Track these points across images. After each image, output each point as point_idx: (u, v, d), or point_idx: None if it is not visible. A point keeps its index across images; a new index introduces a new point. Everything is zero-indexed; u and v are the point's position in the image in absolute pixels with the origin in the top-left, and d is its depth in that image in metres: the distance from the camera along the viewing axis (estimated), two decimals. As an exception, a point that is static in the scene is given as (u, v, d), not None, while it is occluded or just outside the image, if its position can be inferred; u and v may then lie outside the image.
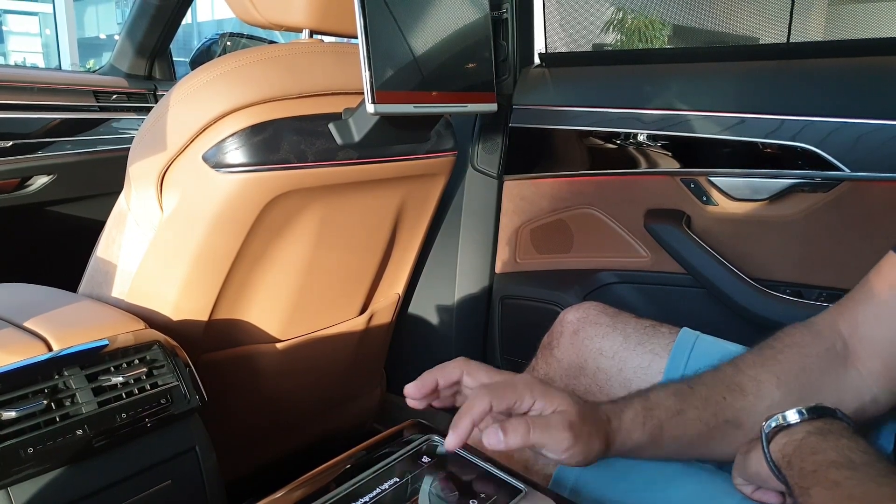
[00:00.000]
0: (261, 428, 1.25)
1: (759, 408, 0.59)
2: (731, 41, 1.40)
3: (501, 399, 0.53)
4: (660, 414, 0.58)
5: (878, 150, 1.02)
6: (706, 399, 0.60)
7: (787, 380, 0.60)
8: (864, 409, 0.60)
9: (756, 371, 0.61)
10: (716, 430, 0.59)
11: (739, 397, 0.60)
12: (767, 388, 0.60)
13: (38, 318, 0.83)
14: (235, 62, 0.92)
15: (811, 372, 0.61)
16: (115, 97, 1.83)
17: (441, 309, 1.44)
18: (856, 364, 0.61)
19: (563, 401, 0.54)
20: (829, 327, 0.63)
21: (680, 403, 0.59)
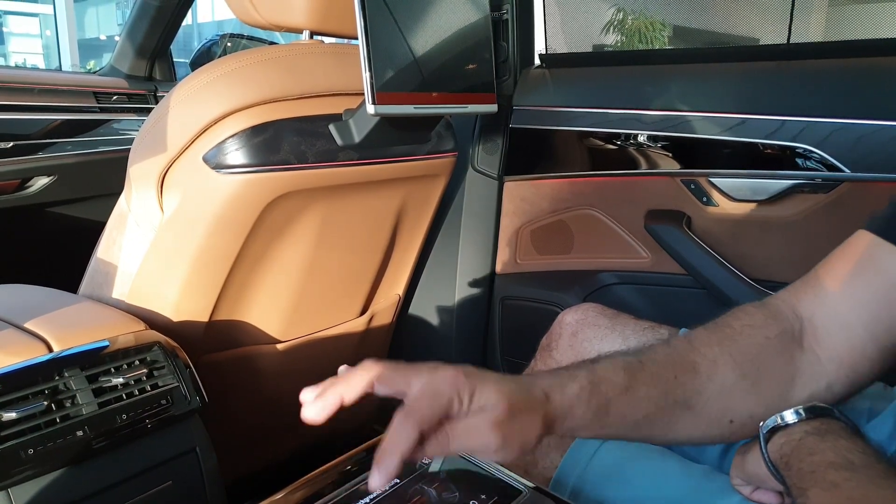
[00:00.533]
0: (261, 429, 1.25)
1: (710, 389, 0.55)
2: (732, 42, 1.40)
3: (430, 416, 0.46)
4: (607, 390, 0.52)
5: (879, 151, 1.02)
6: (657, 376, 0.54)
7: (743, 361, 0.56)
8: (815, 396, 0.56)
9: (711, 350, 0.57)
10: (664, 411, 0.54)
11: (692, 377, 0.55)
12: (722, 370, 0.56)
13: (38, 319, 0.83)
14: (236, 63, 0.92)
15: (767, 354, 0.57)
16: (116, 98, 1.83)
17: (441, 310, 1.44)
18: (814, 348, 0.57)
19: (490, 394, 0.47)
20: (788, 308, 0.59)
21: (629, 379, 0.53)
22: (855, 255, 0.58)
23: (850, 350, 0.56)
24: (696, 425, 0.56)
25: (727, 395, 0.56)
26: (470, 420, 0.47)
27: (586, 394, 0.51)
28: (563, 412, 0.51)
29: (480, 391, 0.47)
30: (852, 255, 0.58)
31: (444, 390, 0.47)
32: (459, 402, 0.47)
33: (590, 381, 0.52)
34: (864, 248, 0.57)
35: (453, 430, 0.46)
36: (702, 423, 0.56)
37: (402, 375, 0.49)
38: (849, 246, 0.59)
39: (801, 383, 0.57)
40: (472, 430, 0.46)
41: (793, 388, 0.57)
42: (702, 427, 0.57)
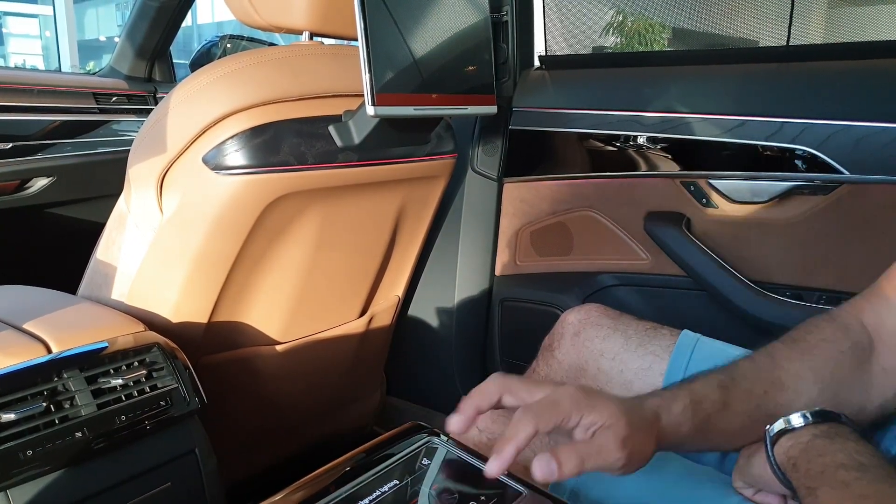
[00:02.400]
0: (261, 430, 1.24)
1: (797, 404, 0.58)
2: (731, 44, 1.40)
3: (547, 421, 0.49)
4: (707, 407, 0.56)
5: (878, 153, 1.02)
6: (749, 392, 0.58)
7: (823, 376, 0.59)
8: (886, 406, 0.60)
9: (793, 365, 0.60)
10: (758, 423, 0.58)
11: (780, 392, 0.59)
12: (805, 385, 0.59)
13: (37, 321, 0.83)
14: (236, 64, 0.92)
15: (843, 368, 0.60)
16: (115, 99, 1.83)
17: (441, 311, 1.44)
18: (879, 360, 0.60)
19: (610, 413, 0.50)
20: (855, 321, 0.62)
21: (725, 396, 0.57)
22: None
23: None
24: None
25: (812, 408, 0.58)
26: (599, 438, 0.50)
27: (689, 412, 0.55)
28: (671, 430, 0.55)
29: (598, 409, 0.50)
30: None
31: (563, 402, 0.50)
32: (578, 415, 0.50)
33: (692, 401, 0.56)
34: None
35: (586, 450, 0.49)
36: None
37: (527, 388, 0.53)
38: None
39: (875, 393, 0.60)
40: (602, 448, 0.49)
41: (869, 398, 0.59)
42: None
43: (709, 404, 0.56)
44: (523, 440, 0.48)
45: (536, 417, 0.49)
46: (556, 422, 0.49)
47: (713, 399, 0.57)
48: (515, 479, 0.57)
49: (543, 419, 0.49)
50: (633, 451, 0.50)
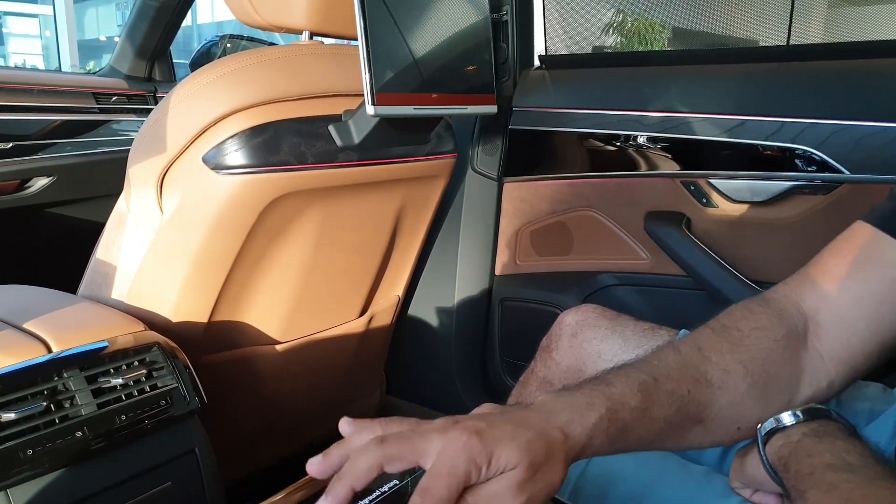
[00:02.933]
0: (260, 430, 1.25)
1: (721, 401, 0.55)
2: (731, 43, 1.40)
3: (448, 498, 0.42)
4: (624, 416, 0.51)
5: (878, 153, 1.02)
6: (671, 394, 0.54)
7: (754, 369, 0.56)
8: (818, 394, 0.57)
9: (723, 359, 0.56)
10: (677, 428, 0.54)
11: (705, 390, 0.55)
12: (734, 380, 0.55)
13: (37, 320, 0.83)
14: (235, 64, 0.92)
15: (775, 359, 0.57)
16: (115, 99, 1.83)
17: (441, 311, 1.44)
18: (816, 346, 0.57)
19: (509, 457, 0.44)
20: (792, 305, 0.59)
21: (645, 401, 0.52)
22: (855, 249, 0.57)
23: (849, 347, 0.56)
24: (705, 435, 0.56)
25: (737, 405, 0.55)
26: (491, 487, 0.44)
27: (605, 423, 0.50)
28: (582, 445, 0.49)
29: (498, 453, 0.44)
30: (853, 248, 0.58)
31: (459, 464, 0.43)
32: (478, 470, 0.43)
33: (608, 409, 0.51)
34: (865, 241, 0.57)
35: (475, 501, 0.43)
36: (711, 433, 0.56)
37: (411, 447, 0.45)
38: (848, 238, 0.59)
39: (805, 383, 0.57)
40: (495, 497, 0.44)
41: (798, 389, 0.57)
42: (710, 436, 0.56)
43: (626, 412, 0.51)
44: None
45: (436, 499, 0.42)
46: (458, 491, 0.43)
47: (632, 406, 0.52)
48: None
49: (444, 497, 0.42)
50: (533, 492, 0.44)
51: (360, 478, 0.44)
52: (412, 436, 0.45)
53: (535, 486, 0.44)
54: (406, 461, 0.45)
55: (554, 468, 0.46)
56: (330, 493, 0.44)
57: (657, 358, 0.56)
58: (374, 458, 0.44)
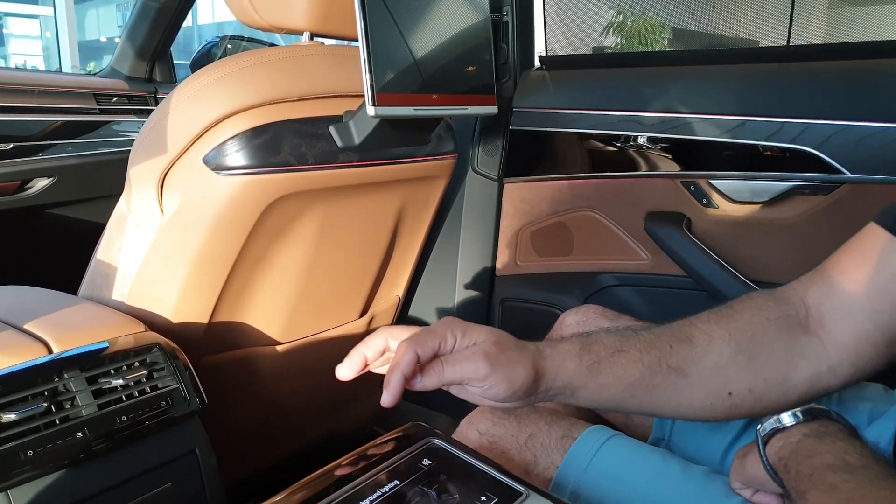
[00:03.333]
0: (261, 431, 1.25)
1: (706, 361, 0.58)
2: (732, 44, 1.40)
3: (424, 346, 0.53)
4: (598, 350, 0.57)
5: (879, 153, 1.02)
6: (650, 343, 0.58)
7: (740, 339, 0.59)
8: (819, 378, 0.58)
9: (708, 326, 0.60)
10: (658, 376, 0.57)
11: (687, 347, 0.59)
12: (718, 344, 0.58)
13: (38, 321, 0.83)
14: (236, 65, 0.92)
15: (766, 334, 0.59)
16: (116, 100, 1.83)
17: (441, 311, 1.44)
18: (818, 332, 0.59)
19: (480, 333, 0.54)
20: (795, 296, 0.62)
21: (621, 343, 0.58)
22: (863, 248, 0.59)
23: (855, 337, 0.58)
24: (694, 394, 0.59)
25: (724, 369, 0.58)
26: (463, 351, 0.54)
27: (577, 349, 0.57)
28: (554, 365, 0.56)
29: (472, 330, 0.55)
30: (861, 247, 0.60)
31: (437, 329, 0.54)
32: (453, 337, 0.54)
33: (581, 342, 0.58)
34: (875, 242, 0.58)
35: (447, 360, 0.53)
36: (700, 392, 0.58)
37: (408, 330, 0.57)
38: (859, 239, 0.61)
39: (802, 364, 0.58)
40: (463, 357, 0.53)
41: (794, 367, 0.58)
42: (701, 396, 0.59)
43: (600, 347, 0.57)
44: (406, 366, 0.52)
45: (413, 344, 0.53)
46: (434, 346, 0.54)
47: (606, 343, 0.58)
48: (516, 479, 0.57)
49: (421, 345, 0.53)
50: (496, 362, 0.53)
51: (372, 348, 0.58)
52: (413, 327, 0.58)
53: (497, 359, 0.53)
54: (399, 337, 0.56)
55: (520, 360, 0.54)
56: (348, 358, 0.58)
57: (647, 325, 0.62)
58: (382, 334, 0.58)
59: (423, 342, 0.53)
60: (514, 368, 0.53)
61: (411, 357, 0.52)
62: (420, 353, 0.53)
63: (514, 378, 0.53)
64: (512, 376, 0.53)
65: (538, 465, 0.72)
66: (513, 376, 0.53)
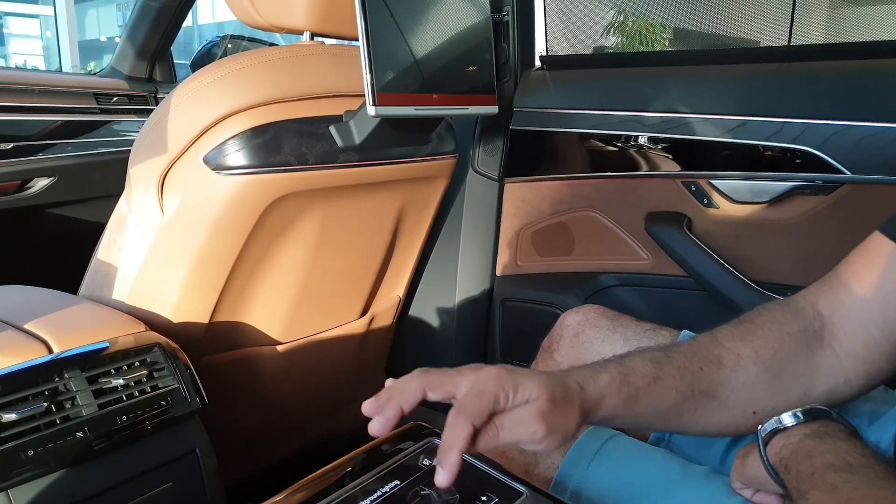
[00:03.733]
0: (261, 430, 1.24)
1: (735, 381, 0.59)
2: (732, 44, 1.40)
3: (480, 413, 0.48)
4: (636, 381, 0.56)
5: (879, 153, 1.02)
6: (683, 368, 0.58)
7: (765, 356, 0.59)
8: (835, 391, 0.59)
9: (735, 344, 0.60)
10: (691, 401, 0.58)
11: (717, 369, 0.59)
12: (745, 363, 0.59)
13: (38, 321, 0.83)
14: (236, 64, 0.92)
15: (788, 350, 0.60)
16: (116, 99, 1.83)
17: (442, 311, 1.44)
18: (832, 344, 0.60)
19: (533, 388, 0.51)
20: (809, 306, 0.62)
21: (656, 371, 0.57)
22: (868, 257, 0.60)
23: (866, 346, 0.59)
24: (721, 415, 0.59)
25: (751, 388, 0.59)
26: (517, 412, 0.50)
27: (616, 383, 0.55)
28: (596, 401, 0.54)
29: (523, 384, 0.50)
30: (866, 256, 0.60)
31: (489, 387, 0.50)
32: (505, 395, 0.50)
33: (619, 373, 0.56)
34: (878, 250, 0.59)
35: (502, 422, 0.49)
36: (727, 413, 0.59)
37: (449, 379, 0.52)
38: (864, 247, 0.61)
39: (821, 378, 0.59)
40: (519, 420, 0.50)
41: (814, 382, 0.59)
42: (727, 417, 0.59)
43: (638, 378, 0.56)
44: (463, 442, 0.47)
45: (469, 415, 0.48)
46: (489, 410, 0.49)
47: (643, 372, 0.57)
48: (516, 479, 0.57)
49: (476, 414, 0.48)
50: (552, 423, 0.50)
51: (407, 399, 0.51)
52: (450, 370, 0.52)
53: (553, 417, 0.50)
54: (444, 390, 0.51)
55: (570, 411, 0.52)
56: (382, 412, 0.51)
57: (674, 344, 0.62)
58: (419, 383, 0.52)
59: (478, 411, 0.48)
60: (566, 422, 0.52)
61: (469, 432, 0.47)
62: (477, 424, 0.48)
63: (566, 431, 0.52)
64: (566, 431, 0.52)
65: (539, 464, 0.72)
66: (567, 430, 0.52)
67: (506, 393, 0.50)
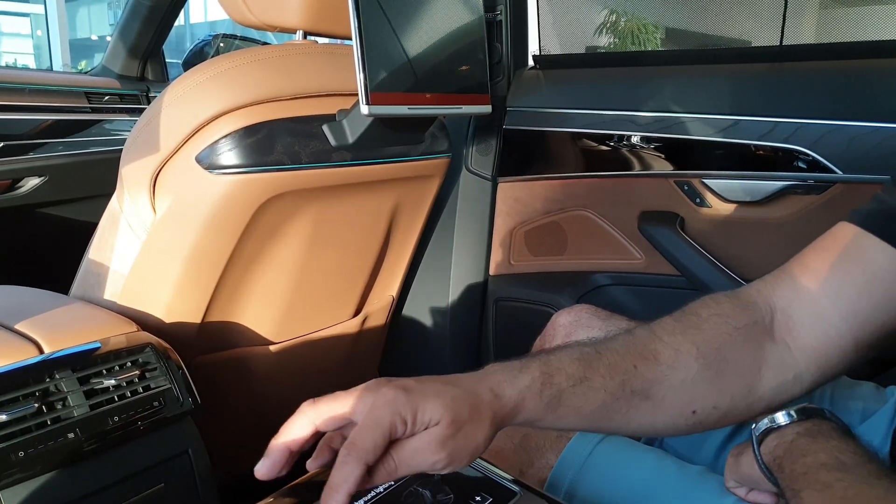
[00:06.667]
0: (254, 431, 1.24)
1: (672, 379, 0.54)
2: (725, 44, 1.40)
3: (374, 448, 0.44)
4: (560, 381, 0.51)
5: (871, 153, 1.02)
6: (614, 366, 0.53)
7: (707, 352, 0.55)
8: (783, 387, 0.56)
9: (674, 339, 0.55)
10: (621, 401, 0.53)
11: (652, 366, 0.54)
12: (685, 359, 0.54)
13: (29, 321, 0.82)
14: (229, 63, 0.92)
15: (733, 345, 0.55)
16: (108, 98, 1.82)
17: (435, 311, 1.44)
18: (785, 339, 0.56)
19: (434, 411, 0.45)
20: (761, 298, 0.58)
21: (584, 370, 0.52)
22: (837, 247, 0.57)
23: (825, 341, 0.55)
24: (656, 416, 0.55)
25: (690, 386, 0.55)
26: (413, 442, 0.46)
27: (538, 385, 0.51)
28: (513, 406, 0.50)
29: (423, 409, 0.46)
30: (834, 245, 0.58)
31: (384, 417, 0.45)
32: (403, 424, 0.45)
33: (542, 373, 0.51)
34: (847, 240, 0.57)
35: (400, 455, 0.45)
36: (663, 413, 0.55)
37: (342, 407, 0.47)
38: (831, 237, 0.59)
39: (768, 374, 0.56)
40: (417, 451, 0.45)
41: (759, 379, 0.56)
42: (663, 417, 0.55)
43: (562, 378, 0.51)
44: (353, 484, 0.43)
45: (361, 452, 0.43)
46: (383, 443, 0.44)
47: (569, 372, 0.52)
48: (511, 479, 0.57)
49: (369, 451, 0.44)
50: (454, 450, 0.46)
51: (297, 439, 0.47)
52: (343, 394, 0.47)
53: (456, 442, 0.46)
54: (338, 417, 0.47)
55: (479, 426, 0.47)
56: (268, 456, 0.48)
57: (609, 338, 0.57)
58: (307, 418, 0.47)
59: (371, 447, 0.44)
60: (472, 443, 0.47)
61: (359, 473, 0.43)
62: (371, 461, 0.44)
63: (473, 452, 0.47)
64: (471, 452, 0.47)
65: (533, 465, 0.72)
66: (472, 451, 0.47)
67: (403, 420, 0.45)
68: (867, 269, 0.55)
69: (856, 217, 0.57)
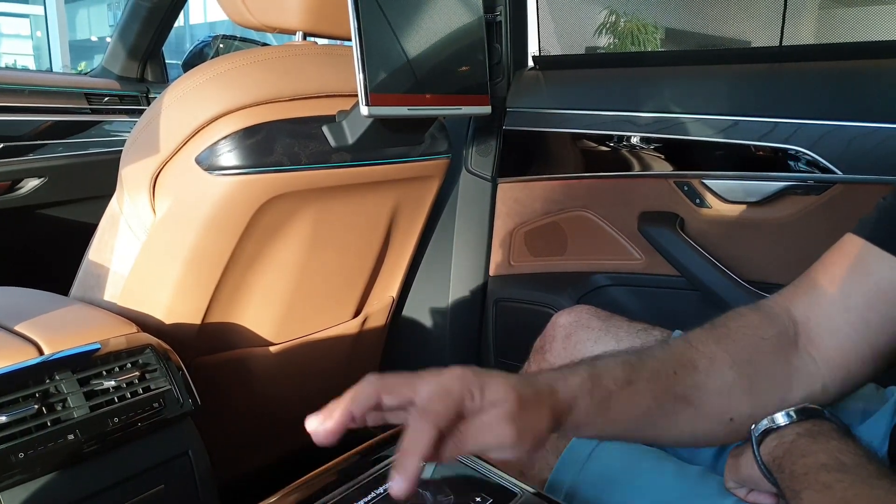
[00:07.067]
0: (254, 431, 1.24)
1: (710, 386, 0.56)
2: (724, 44, 1.41)
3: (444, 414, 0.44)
4: (608, 383, 0.52)
5: (871, 153, 1.02)
6: (656, 372, 0.55)
7: (740, 361, 0.57)
8: (813, 398, 0.57)
9: (709, 348, 0.57)
10: (666, 407, 0.55)
11: (691, 373, 0.56)
12: (720, 367, 0.56)
13: (29, 322, 0.82)
14: (228, 64, 0.92)
15: (764, 355, 0.57)
16: (108, 99, 1.82)
17: (435, 311, 1.44)
18: (808, 350, 0.58)
19: (499, 388, 0.46)
20: (782, 311, 0.60)
21: (629, 374, 0.54)
22: (845, 260, 0.58)
23: (843, 352, 0.57)
24: (697, 422, 0.57)
25: (726, 393, 0.56)
26: (483, 417, 0.46)
27: (588, 386, 0.51)
28: (568, 405, 0.50)
29: (489, 386, 0.46)
30: (842, 259, 0.59)
31: (454, 387, 0.45)
32: (471, 397, 0.46)
33: (590, 375, 0.52)
34: (853, 252, 0.58)
35: (468, 429, 0.45)
36: (703, 419, 0.57)
37: (407, 383, 0.47)
38: (839, 249, 0.60)
39: (797, 385, 0.58)
40: (486, 426, 0.46)
41: (790, 389, 0.57)
42: (704, 424, 0.57)
43: (610, 380, 0.53)
44: (425, 447, 0.42)
45: (433, 417, 0.43)
46: (454, 410, 0.45)
47: (615, 375, 0.53)
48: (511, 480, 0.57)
49: (440, 414, 0.44)
50: (521, 427, 0.46)
51: (359, 403, 0.47)
52: (410, 374, 0.48)
53: (523, 421, 0.46)
54: (404, 390, 0.47)
55: (541, 414, 0.48)
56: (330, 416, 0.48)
57: (646, 347, 0.59)
58: (373, 387, 0.47)
59: (443, 413, 0.44)
60: (537, 427, 0.48)
61: (431, 436, 0.43)
62: (442, 426, 0.44)
63: (537, 437, 0.48)
64: (536, 436, 0.47)
65: (533, 465, 0.72)
66: (537, 436, 0.47)
67: (471, 393, 0.45)
68: (873, 281, 0.56)
69: (860, 230, 0.59)
